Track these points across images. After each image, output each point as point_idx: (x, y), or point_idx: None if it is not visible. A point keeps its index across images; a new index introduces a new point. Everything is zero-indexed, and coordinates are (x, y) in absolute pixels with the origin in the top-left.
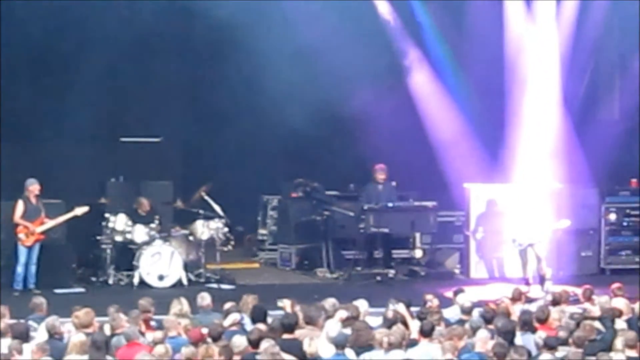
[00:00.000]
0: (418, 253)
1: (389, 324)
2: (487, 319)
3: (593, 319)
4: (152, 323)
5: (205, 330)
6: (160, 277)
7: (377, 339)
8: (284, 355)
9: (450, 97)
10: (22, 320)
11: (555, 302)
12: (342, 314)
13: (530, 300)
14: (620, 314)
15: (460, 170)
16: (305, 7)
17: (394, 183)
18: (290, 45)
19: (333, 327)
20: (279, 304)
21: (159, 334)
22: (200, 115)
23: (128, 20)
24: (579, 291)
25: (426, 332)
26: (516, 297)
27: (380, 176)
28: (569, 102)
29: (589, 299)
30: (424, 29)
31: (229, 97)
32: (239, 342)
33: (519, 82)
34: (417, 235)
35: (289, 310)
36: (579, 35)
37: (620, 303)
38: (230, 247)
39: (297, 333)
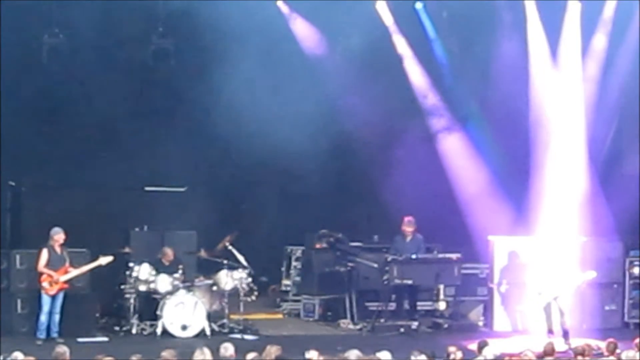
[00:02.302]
0: (442, 305)
1: None
2: None
3: None
4: None
5: None
6: (184, 327)
7: None
8: None
9: (475, 149)
10: None
11: (578, 354)
12: None
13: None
14: None
15: (484, 222)
16: (332, 61)
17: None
18: (317, 96)
19: None
20: (307, 355)
21: None
22: (225, 165)
23: (152, 69)
24: (602, 345)
25: None
26: (548, 352)
27: (408, 229)
28: (593, 155)
29: (612, 352)
30: (449, 80)
31: (253, 147)
32: None
33: (543, 134)
34: (441, 287)
35: None
36: (603, 89)
37: None
38: (253, 297)
39: None
